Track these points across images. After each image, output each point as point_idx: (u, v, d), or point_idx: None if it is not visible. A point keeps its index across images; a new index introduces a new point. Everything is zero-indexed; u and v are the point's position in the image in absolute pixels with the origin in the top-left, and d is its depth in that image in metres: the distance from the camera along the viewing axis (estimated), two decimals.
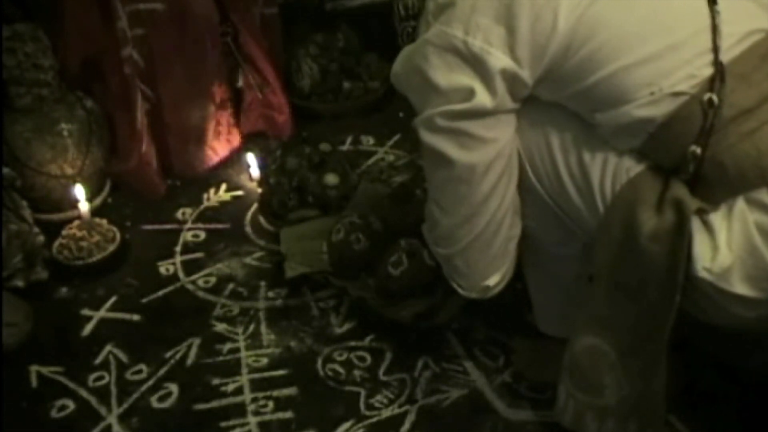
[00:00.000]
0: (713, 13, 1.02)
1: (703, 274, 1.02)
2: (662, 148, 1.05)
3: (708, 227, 1.03)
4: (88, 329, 1.62)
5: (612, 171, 1.08)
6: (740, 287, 1.01)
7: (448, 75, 1.08)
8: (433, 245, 1.28)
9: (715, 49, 1.01)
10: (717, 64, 1.01)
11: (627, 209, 1.06)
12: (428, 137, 1.13)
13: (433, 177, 1.19)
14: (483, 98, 1.07)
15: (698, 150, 1.02)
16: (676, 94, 1.02)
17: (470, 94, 1.07)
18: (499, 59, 1.05)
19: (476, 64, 1.05)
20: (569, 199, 1.14)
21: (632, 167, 1.08)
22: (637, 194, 1.06)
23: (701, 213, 1.03)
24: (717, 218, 1.02)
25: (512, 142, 1.15)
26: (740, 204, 1.01)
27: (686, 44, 1.02)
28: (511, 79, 1.06)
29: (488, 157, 1.12)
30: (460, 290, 1.28)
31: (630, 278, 1.09)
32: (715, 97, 1.00)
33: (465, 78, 1.07)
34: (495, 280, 1.25)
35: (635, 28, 1.03)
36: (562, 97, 1.10)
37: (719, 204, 1.03)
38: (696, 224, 1.03)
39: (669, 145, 1.04)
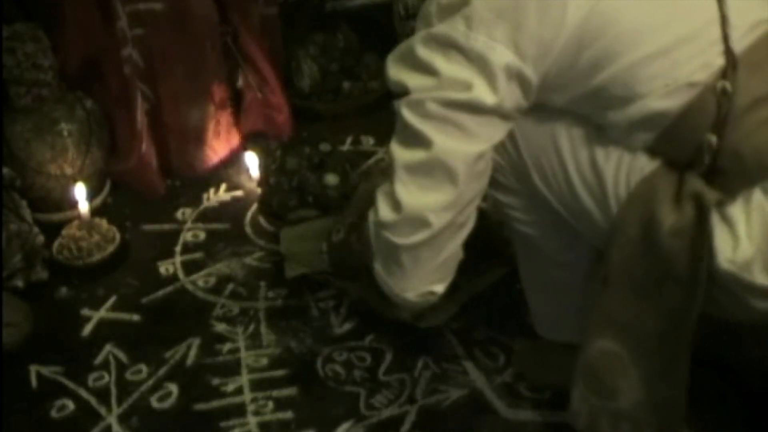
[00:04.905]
0: (721, 3, 1.02)
1: (726, 266, 1.01)
2: (676, 141, 1.04)
3: (727, 219, 1.02)
4: (87, 329, 1.62)
5: (626, 169, 1.07)
6: (761, 278, 1.00)
7: (449, 65, 1.05)
8: (383, 230, 1.16)
9: (726, 38, 1.01)
10: (728, 52, 1.01)
11: (644, 207, 1.05)
12: (413, 119, 1.08)
13: (405, 156, 1.12)
14: (483, 94, 1.05)
15: (714, 139, 1.01)
16: (691, 85, 1.01)
17: (468, 87, 1.05)
18: (503, 54, 1.03)
19: (479, 60, 1.04)
20: (579, 201, 1.12)
21: (646, 164, 1.07)
22: (653, 191, 1.05)
23: (719, 205, 1.02)
24: (735, 210, 1.01)
25: (491, 152, 1.12)
26: (757, 194, 1.00)
27: (698, 35, 1.02)
28: (515, 76, 1.04)
29: (472, 150, 1.09)
30: (391, 291, 1.21)
31: (648, 277, 1.07)
32: (728, 85, 1.00)
33: (465, 72, 1.05)
34: (441, 287, 1.20)
35: (647, 21, 1.02)
36: (574, 98, 1.08)
37: (736, 195, 1.02)
38: (715, 217, 1.02)
39: (684, 137, 1.04)
